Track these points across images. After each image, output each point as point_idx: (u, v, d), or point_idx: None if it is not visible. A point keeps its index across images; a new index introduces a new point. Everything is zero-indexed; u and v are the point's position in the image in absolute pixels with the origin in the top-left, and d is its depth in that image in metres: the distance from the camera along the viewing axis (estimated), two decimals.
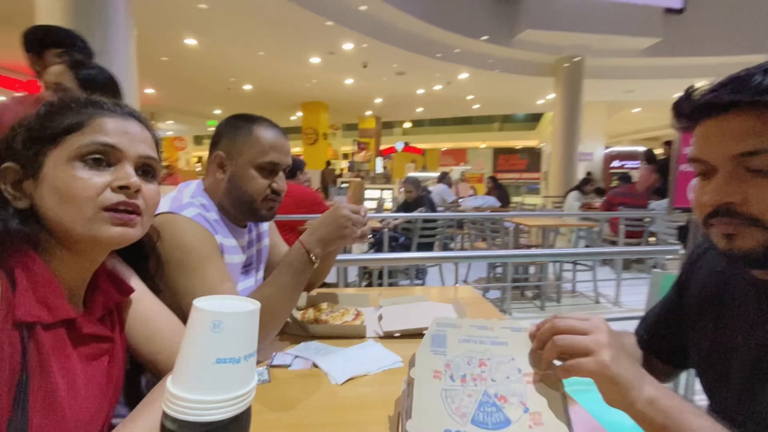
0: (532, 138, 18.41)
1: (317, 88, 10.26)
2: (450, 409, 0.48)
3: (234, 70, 8.64)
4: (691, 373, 1.47)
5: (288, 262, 0.80)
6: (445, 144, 19.66)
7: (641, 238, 4.63)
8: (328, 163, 11.09)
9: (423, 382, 0.50)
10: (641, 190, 4.98)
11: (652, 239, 4.76)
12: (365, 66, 7.91)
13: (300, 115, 13.21)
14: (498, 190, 6.35)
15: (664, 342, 0.75)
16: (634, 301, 3.47)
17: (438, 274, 3.69)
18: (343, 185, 8.10)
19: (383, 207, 6.73)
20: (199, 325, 0.30)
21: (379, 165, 12.73)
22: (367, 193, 7.49)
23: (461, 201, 6.02)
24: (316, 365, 0.78)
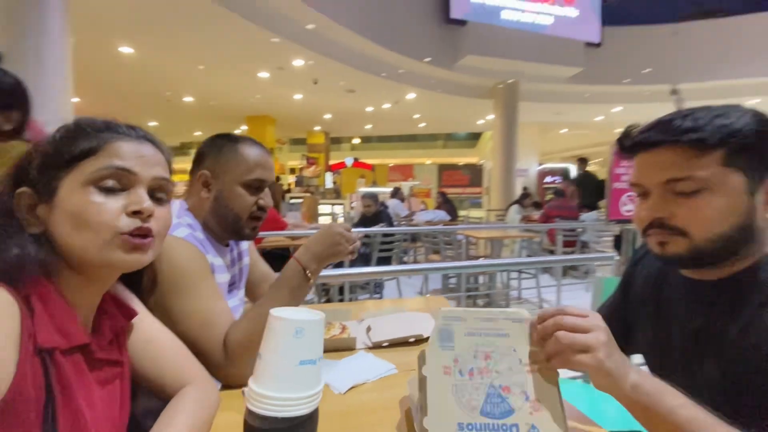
0: (472, 155, 19.51)
1: (264, 102, 10.09)
2: (461, 402, 0.53)
3: (173, 81, 8.24)
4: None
5: (285, 279, 0.82)
6: (392, 160, 20.13)
7: (575, 247, 5.11)
8: (277, 178, 10.85)
9: (435, 379, 0.53)
10: (573, 202, 5.56)
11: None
12: (316, 83, 7.96)
13: (245, 129, 12.85)
14: (447, 205, 6.67)
15: (613, 333, 0.88)
16: (573, 304, 3.80)
17: (395, 287, 3.78)
18: (293, 201, 7.98)
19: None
20: (283, 332, 0.34)
21: (328, 180, 12.69)
22: (319, 209, 7.45)
23: (414, 216, 6.22)
24: None
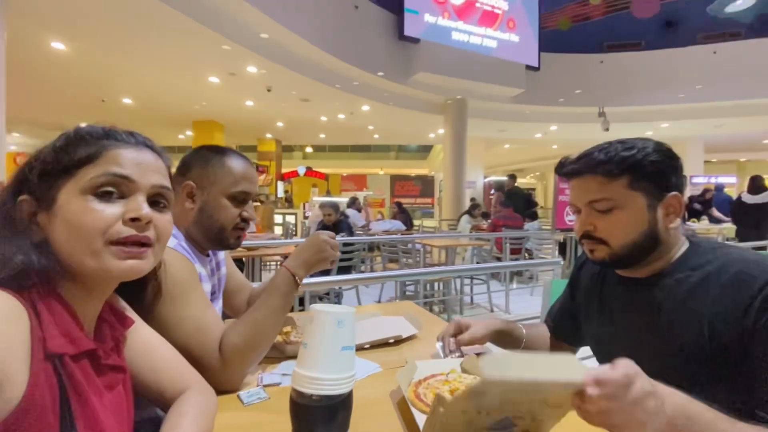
0: (423, 167, 20.15)
1: (211, 107, 9.71)
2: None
3: (110, 81, 7.68)
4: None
5: (275, 286, 0.85)
6: (345, 169, 20.19)
7: (520, 254, 5.48)
8: None
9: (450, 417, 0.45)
10: (497, 210, 6.30)
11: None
12: (269, 90, 7.84)
13: (190, 135, 12.26)
14: (403, 215, 6.86)
15: (564, 329, 1.02)
16: (521, 308, 4.08)
17: (355, 296, 3.82)
18: None
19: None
20: (327, 323, 0.40)
21: (280, 189, 12.44)
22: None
23: (372, 225, 6.32)
24: None
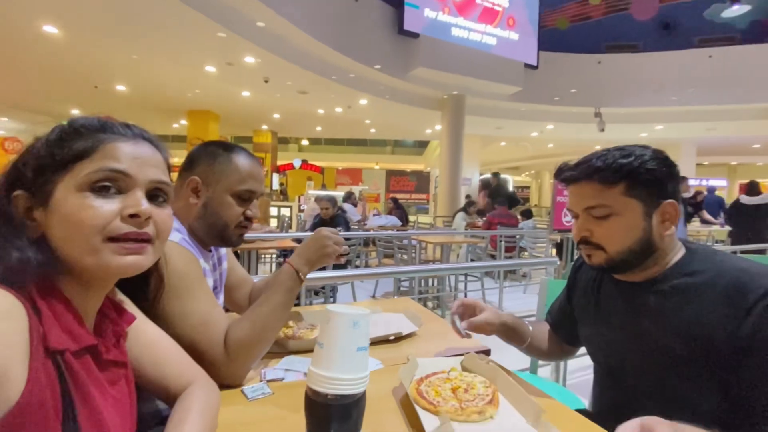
0: (419, 162, 20.14)
1: (207, 97, 9.58)
2: None
3: (104, 67, 7.51)
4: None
5: (279, 282, 0.86)
6: (340, 163, 20.12)
7: (514, 252, 5.53)
8: None
9: None
10: (482, 206, 6.58)
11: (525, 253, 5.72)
12: (267, 81, 7.76)
13: (185, 124, 12.10)
14: (398, 210, 6.88)
15: (562, 328, 1.04)
16: (513, 305, 4.13)
17: (350, 291, 3.83)
18: None
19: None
20: (343, 324, 0.40)
21: (275, 181, 12.36)
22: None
23: (368, 220, 6.33)
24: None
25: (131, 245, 0.50)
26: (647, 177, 0.74)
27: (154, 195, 0.54)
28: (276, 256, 4.91)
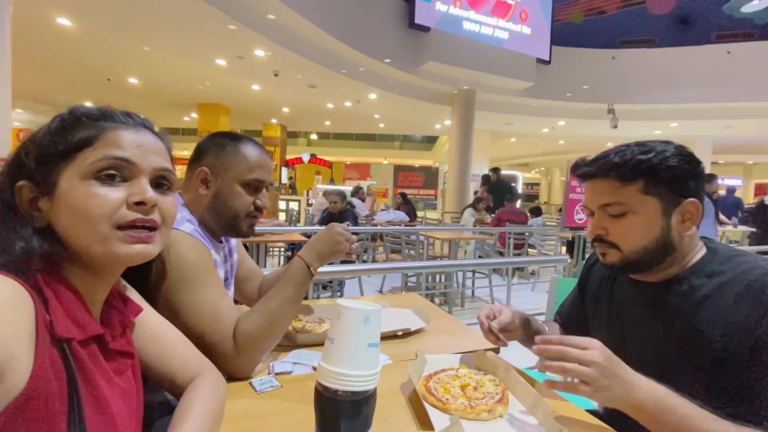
0: (428, 158, 20.05)
1: (217, 90, 9.64)
2: None
3: (117, 59, 7.59)
4: None
5: (290, 275, 0.86)
6: (348, 158, 20.12)
7: (522, 249, 5.48)
8: None
9: None
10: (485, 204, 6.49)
11: (533, 251, 5.68)
12: (277, 75, 7.77)
13: (195, 117, 12.20)
14: (407, 206, 6.86)
15: (573, 327, 1.02)
16: (521, 303, 4.10)
17: (357, 285, 3.84)
18: None
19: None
20: (354, 320, 0.40)
21: (284, 175, 12.41)
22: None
23: (375, 215, 6.33)
24: (315, 369, 0.85)
25: (139, 233, 0.51)
26: (668, 174, 0.71)
27: (159, 183, 0.54)
28: (284, 250, 4.94)
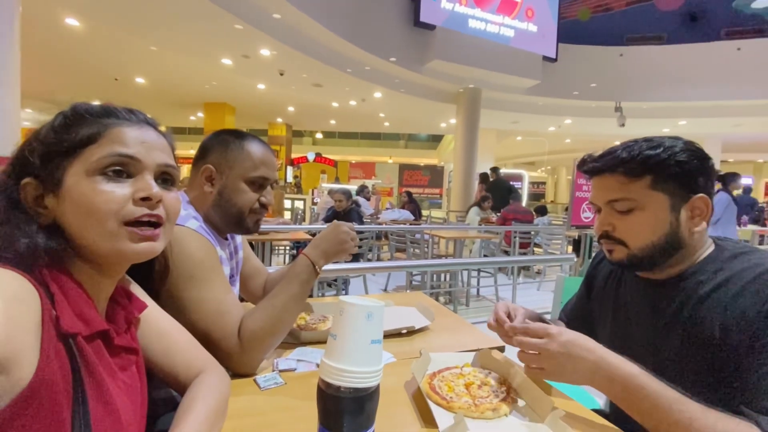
0: (433, 157, 20.00)
1: (223, 90, 9.70)
2: None
3: (124, 59, 7.67)
4: None
5: (295, 273, 0.86)
6: (353, 157, 20.14)
7: (528, 248, 5.46)
8: None
9: None
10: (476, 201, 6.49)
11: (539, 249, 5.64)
12: (282, 74, 7.79)
13: (201, 116, 12.28)
14: (412, 204, 6.87)
15: (578, 326, 1.01)
16: (527, 302, 4.08)
17: (362, 284, 3.84)
18: None
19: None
20: (357, 316, 0.40)
21: (289, 174, 12.46)
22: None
23: (380, 214, 6.34)
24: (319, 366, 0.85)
25: (146, 230, 0.51)
26: (676, 170, 0.70)
27: (162, 179, 0.55)
28: (290, 248, 4.96)
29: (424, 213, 9.23)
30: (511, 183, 8.03)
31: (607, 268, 0.95)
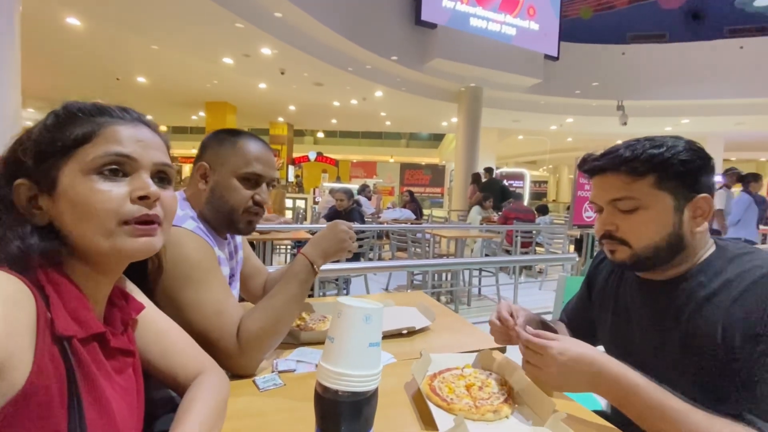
0: (434, 156, 19.97)
1: (225, 89, 9.70)
2: None
3: (125, 59, 7.67)
4: None
5: (294, 273, 0.85)
6: (355, 156, 20.12)
7: (530, 247, 5.44)
8: None
9: None
10: (471, 202, 6.44)
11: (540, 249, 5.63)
12: (283, 73, 7.78)
13: (203, 116, 12.29)
14: (413, 204, 6.86)
15: (579, 326, 1.00)
16: (529, 301, 4.07)
17: (363, 283, 3.83)
18: None
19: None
20: (354, 319, 0.39)
21: (291, 173, 12.46)
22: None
23: (382, 214, 6.34)
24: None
25: (143, 227, 0.51)
26: (680, 169, 0.69)
27: (159, 177, 0.54)
28: (291, 248, 4.96)
29: (426, 212, 9.22)
30: (504, 183, 7.94)
31: (607, 269, 0.94)
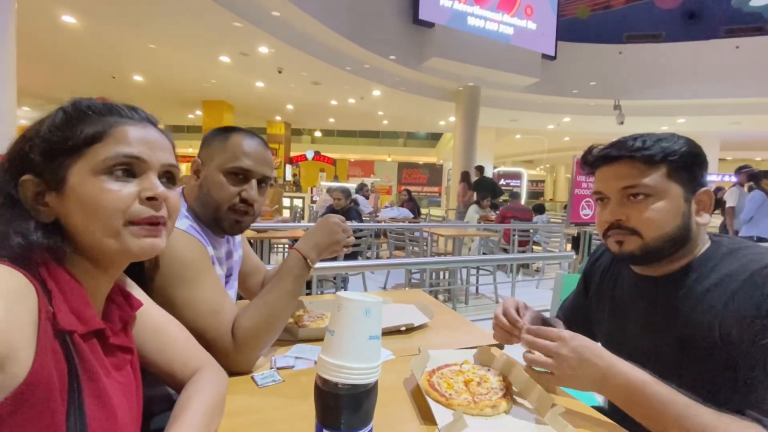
0: (431, 155, 19.99)
1: (222, 88, 9.67)
2: None
3: (121, 57, 7.63)
4: None
5: (288, 268, 0.85)
6: (352, 155, 20.11)
7: (527, 246, 5.46)
8: None
9: None
10: (461, 202, 6.34)
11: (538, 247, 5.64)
12: (280, 72, 7.76)
13: (200, 114, 12.25)
14: (411, 203, 6.86)
15: (576, 323, 1.01)
16: (526, 300, 4.05)
17: (361, 281, 3.84)
18: None
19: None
20: (354, 312, 0.39)
21: (288, 172, 12.44)
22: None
23: (379, 212, 6.34)
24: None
25: (150, 228, 0.51)
26: (689, 161, 0.71)
27: (165, 177, 0.55)
28: (288, 246, 4.95)
29: (423, 211, 9.23)
30: (493, 180, 7.88)
31: (604, 265, 0.94)
